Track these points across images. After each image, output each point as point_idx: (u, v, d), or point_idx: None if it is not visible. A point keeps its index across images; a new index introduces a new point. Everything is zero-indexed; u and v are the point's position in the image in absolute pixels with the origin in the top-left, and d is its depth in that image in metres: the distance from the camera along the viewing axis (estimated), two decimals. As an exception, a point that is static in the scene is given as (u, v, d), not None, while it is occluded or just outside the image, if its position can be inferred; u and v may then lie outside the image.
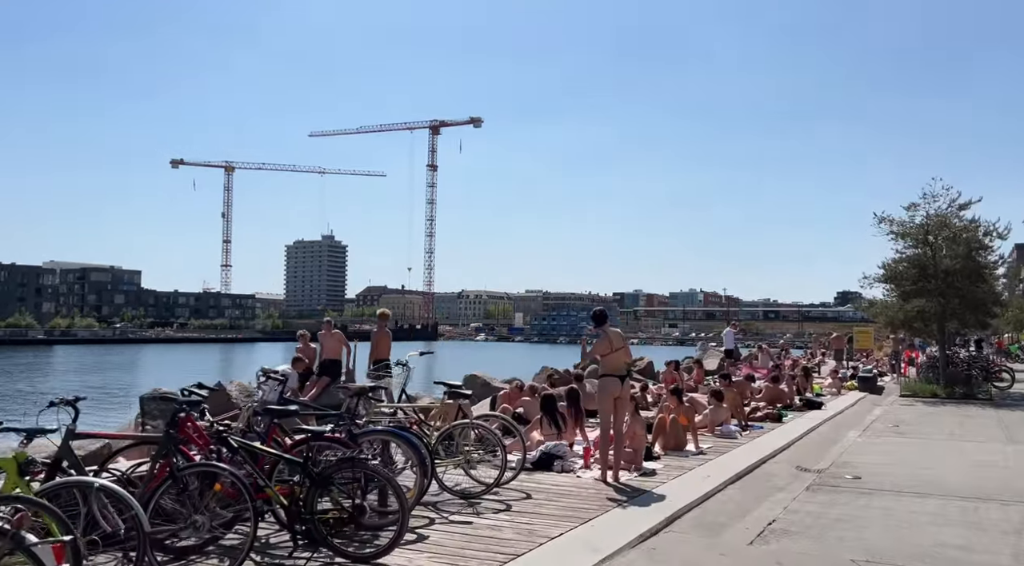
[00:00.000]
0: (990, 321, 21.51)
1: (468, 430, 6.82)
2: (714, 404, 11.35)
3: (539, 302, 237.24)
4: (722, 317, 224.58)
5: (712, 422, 11.12)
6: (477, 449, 6.96)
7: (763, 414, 12.97)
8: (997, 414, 15.49)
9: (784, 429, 11.99)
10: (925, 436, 12.08)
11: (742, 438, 10.87)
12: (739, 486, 7.85)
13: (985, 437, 12.01)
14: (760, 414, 12.96)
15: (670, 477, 7.98)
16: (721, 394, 11.49)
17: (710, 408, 11.38)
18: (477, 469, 7.02)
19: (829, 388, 19.16)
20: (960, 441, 11.61)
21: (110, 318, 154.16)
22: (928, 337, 22.28)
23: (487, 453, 6.85)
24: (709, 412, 11.26)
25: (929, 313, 19.01)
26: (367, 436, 5.66)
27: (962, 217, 19.59)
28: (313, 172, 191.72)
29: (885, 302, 20.34)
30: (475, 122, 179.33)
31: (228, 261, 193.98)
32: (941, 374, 20.29)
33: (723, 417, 11.26)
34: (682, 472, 8.27)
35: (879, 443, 11.23)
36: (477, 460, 6.85)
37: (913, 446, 10.98)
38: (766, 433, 11.47)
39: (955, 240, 19.51)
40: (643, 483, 7.61)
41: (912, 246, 20.22)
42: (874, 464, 9.38)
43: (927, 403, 17.81)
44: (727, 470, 8.37)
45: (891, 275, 20.14)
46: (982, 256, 19.51)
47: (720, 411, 11.26)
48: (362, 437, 5.59)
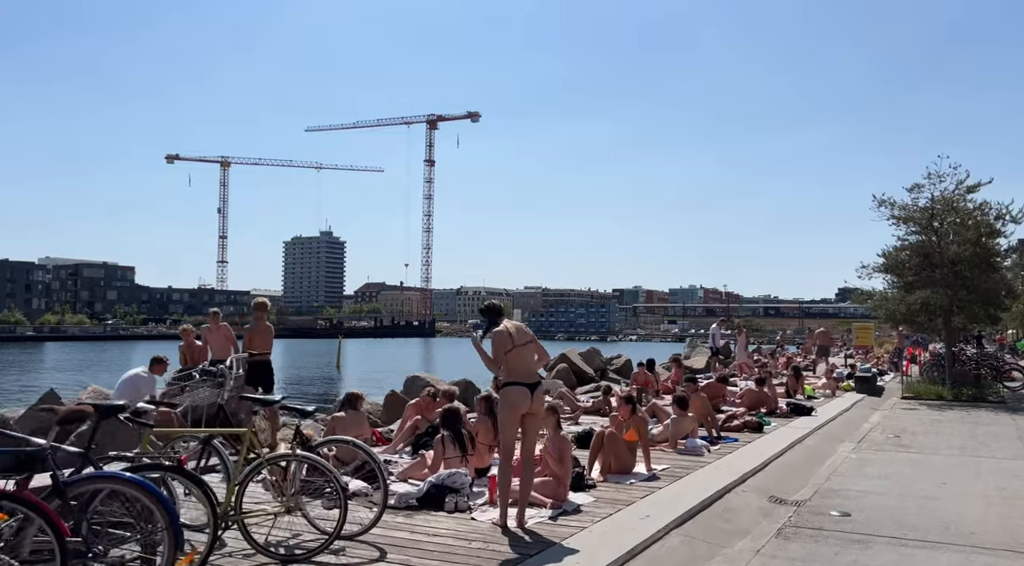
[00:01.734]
0: (1001, 314, 19.49)
1: (297, 464, 4.84)
2: (677, 413, 9.38)
3: (538, 299, 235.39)
4: (722, 313, 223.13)
5: (674, 436, 9.15)
6: (318, 486, 5.01)
7: (740, 423, 10.99)
8: (1013, 421, 13.52)
9: (762, 442, 10.01)
10: (931, 451, 10.10)
11: (709, 455, 8.90)
12: (686, 530, 5.87)
13: (1004, 452, 10.03)
14: (737, 423, 10.98)
15: (598, 517, 6.00)
16: (685, 401, 9.50)
17: (671, 418, 9.42)
18: (318, 512, 5.08)
19: (823, 390, 17.19)
20: (975, 457, 9.64)
21: (102, 315, 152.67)
22: (932, 333, 20.27)
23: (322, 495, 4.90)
24: (670, 423, 9.30)
25: (934, 306, 17.02)
26: (84, 486, 3.69)
27: (971, 200, 17.61)
28: (310, 168, 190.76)
29: (885, 294, 18.33)
30: (473, 117, 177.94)
31: (224, 257, 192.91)
32: (947, 374, 18.31)
33: (687, 429, 9.29)
34: (616, 509, 6.29)
35: (876, 461, 9.25)
36: (306, 503, 4.91)
37: (918, 466, 9.01)
38: (740, 448, 9.49)
39: (963, 225, 17.52)
40: (556, 529, 5.63)
41: (915, 232, 18.24)
42: (869, 493, 7.41)
43: (932, 407, 15.84)
44: (676, 505, 6.39)
45: (892, 264, 18.16)
46: (993, 243, 17.52)
47: (683, 422, 9.28)
48: (76, 487, 3.63)
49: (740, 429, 10.84)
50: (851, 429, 12.01)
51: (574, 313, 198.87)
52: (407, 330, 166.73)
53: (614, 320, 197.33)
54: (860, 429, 12.01)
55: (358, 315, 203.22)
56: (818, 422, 12.18)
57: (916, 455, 9.74)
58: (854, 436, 11.23)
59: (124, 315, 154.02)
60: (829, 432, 11.43)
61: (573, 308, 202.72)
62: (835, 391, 17.16)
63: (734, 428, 10.84)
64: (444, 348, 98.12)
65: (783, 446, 9.66)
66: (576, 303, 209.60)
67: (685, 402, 9.45)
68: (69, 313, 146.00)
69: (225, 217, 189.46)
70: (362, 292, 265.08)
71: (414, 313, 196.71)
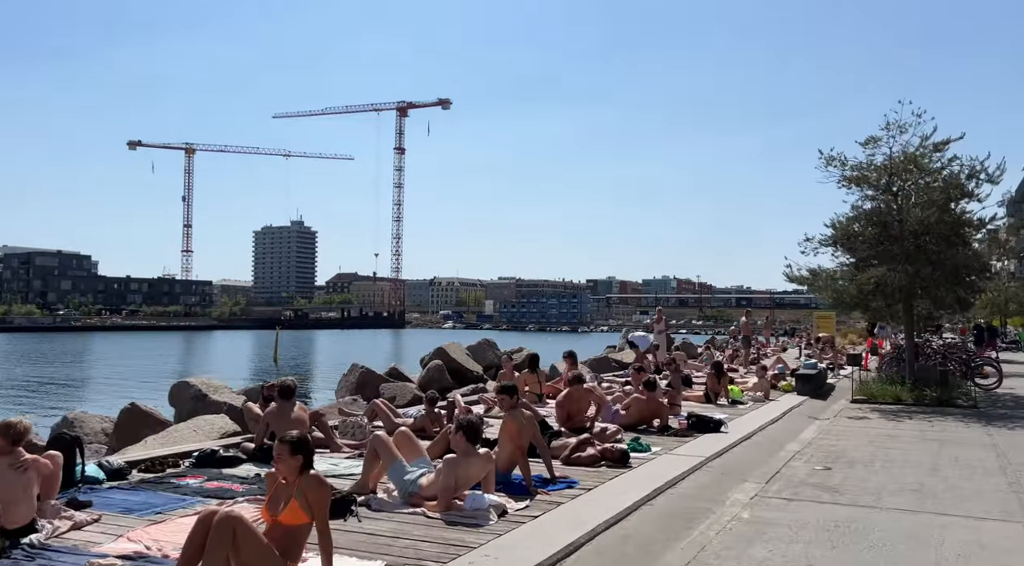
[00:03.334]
0: (973, 298, 16.18)
1: None
2: (461, 449, 5.71)
3: (512, 289, 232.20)
4: (694, 304, 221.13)
5: (445, 490, 5.47)
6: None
7: (597, 452, 7.39)
8: (990, 437, 10.14)
9: (611, 488, 6.43)
10: (872, 499, 6.60)
11: (497, 521, 5.29)
12: None
13: (984, 502, 6.55)
14: (592, 452, 7.38)
15: None
16: (475, 429, 5.78)
17: (445, 460, 5.76)
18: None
19: (753, 392, 13.73)
20: (939, 514, 6.12)
21: (55, 305, 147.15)
22: (891, 320, 16.89)
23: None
24: (443, 468, 5.64)
25: (892, 287, 13.61)
26: None
27: (939, 159, 14.19)
28: (278, 155, 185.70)
29: (831, 273, 14.85)
30: (444, 104, 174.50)
31: (189, 247, 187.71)
32: (908, 370, 14.96)
33: (473, 475, 5.66)
34: None
35: (777, 527, 5.71)
36: None
37: (844, 537, 5.47)
38: (565, 505, 5.90)
39: (928, 186, 14.14)
40: None
41: (871, 197, 14.83)
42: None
43: (887, 414, 12.45)
44: None
45: (842, 236, 14.73)
46: (964, 208, 14.15)
47: (466, 465, 5.63)
48: None
49: (595, 462, 7.27)
50: (766, 456, 8.49)
51: (546, 303, 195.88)
52: (376, 321, 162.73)
53: (586, 311, 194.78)
54: (778, 456, 8.50)
55: (328, 306, 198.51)
56: (722, 444, 8.64)
57: (846, 509, 6.22)
58: (765, 470, 7.71)
59: (78, 305, 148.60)
60: (729, 464, 7.88)
61: (544, 298, 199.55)
62: (768, 393, 13.70)
63: (585, 461, 7.26)
64: (405, 339, 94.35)
65: (636, 498, 6.07)
66: (548, 294, 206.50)
67: (475, 431, 5.77)
68: (18, 303, 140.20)
69: (190, 205, 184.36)
70: (334, 283, 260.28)
71: (386, 304, 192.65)
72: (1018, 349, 35.02)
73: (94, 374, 38.80)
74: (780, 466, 7.91)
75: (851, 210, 14.98)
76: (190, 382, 10.62)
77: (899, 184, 14.22)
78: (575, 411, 8.46)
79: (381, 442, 5.77)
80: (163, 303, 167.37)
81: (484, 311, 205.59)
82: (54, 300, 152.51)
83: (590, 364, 21.35)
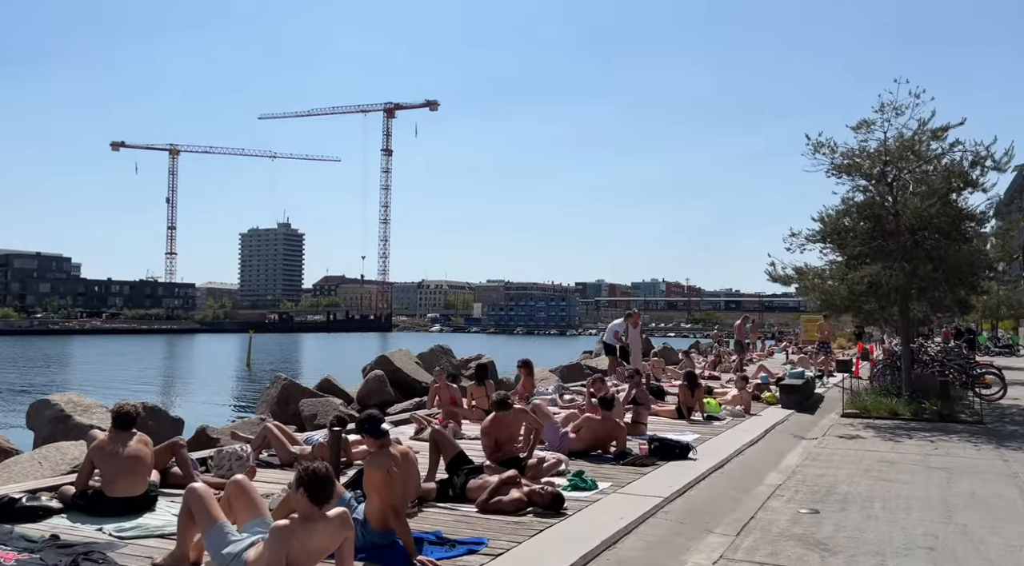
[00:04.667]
0: (975, 299, 14.71)
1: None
2: (302, 511, 4.07)
3: (501, 292, 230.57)
4: (683, 307, 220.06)
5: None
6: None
7: (523, 495, 5.79)
8: (1006, 462, 8.62)
9: (529, 554, 4.84)
10: (875, 559, 5.04)
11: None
12: None
13: (1020, 559, 5.02)
14: (516, 496, 5.77)
15: None
16: (316, 485, 4.10)
17: (271, 530, 4.12)
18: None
19: (732, 404, 12.18)
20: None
21: (32, 308, 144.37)
22: (885, 325, 15.40)
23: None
24: (269, 544, 3.99)
25: (887, 287, 12.11)
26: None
27: (938, 146, 12.71)
28: (264, 156, 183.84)
29: (819, 271, 13.32)
30: (431, 105, 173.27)
31: (173, 249, 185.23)
32: (904, 380, 13.47)
33: (326, 544, 4.02)
34: None
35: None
36: None
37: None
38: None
39: (926, 174, 12.66)
40: None
41: (862, 188, 13.36)
42: None
43: (882, 431, 10.94)
44: None
45: (832, 231, 13.24)
46: (964, 201, 12.68)
47: (317, 531, 3.97)
48: None
49: (520, 508, 5.67)
50: (739, 492, 6.92)
51: (534, 306, 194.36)
52: (362, 324, 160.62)
53: (575, 314, 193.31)
54: (755, 493, 6.93)
55: (315, 309, 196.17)
56: (687, 477, 7.06)
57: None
58: (737, 515, 6.14)
59: (57, 308, 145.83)
60: (693, 506, 6.30)
61: (532, 301, 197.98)
62: (749, 407, 12.15)
63: (507, 507, 5.66)
64: (389, 343, 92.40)
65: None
66: (537, 297, 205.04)
67: (321, 486, 4.04)
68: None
69: (174, 207, 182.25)
70: (321, 285, 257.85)
71: (374, 307, 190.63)
72: (1011, 354, 33.76)
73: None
74: (756, 508, 6.34)
75: (841, 203, 13.53)
76: (51, 400, 8.88)
77: (895, 173, 12.74)
78: (505, 439, 6.85)
79: (197, 498, 4.16)
80: (145, 306, 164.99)
81: (472, 314, 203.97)
82: (33, 303, 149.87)
83: (561, 372, 19.78)
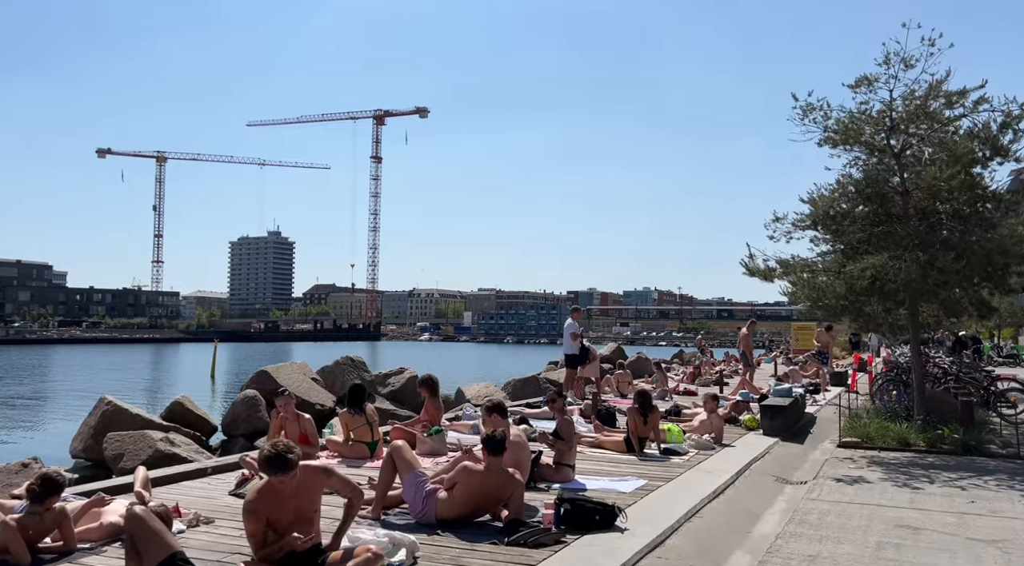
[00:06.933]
0: (997, 300, 12.13)
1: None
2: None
3: (492, 301, 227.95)
4: (675, 315, 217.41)
5: None
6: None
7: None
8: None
9: None
10: None
11: None
12: None
13: None
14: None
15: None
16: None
17: None
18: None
19: (699, 434, 9.51)
20: None
21: (11, 317, 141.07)
22: (891, 332, 12.73)
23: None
24: None
25: (895, 283, 9.48)
26: None
27: (953, 105, 10.14)
28: (252, 164, 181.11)
29: (809, 264, 10.64)
30: (421, 112, 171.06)
31: (160, 257, 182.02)
32: (916, 400, 10.84)
33: None
34: None
35: None
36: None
37: None
38: None
39: (942, 142, 10.08)
40: None
41: (862, 161, 10.76)
42: None
43: (893, 470, 8.30)
44: None
45: (825, 215, 10.61)
46: (992, 173, 10.08)
47: None
48: None
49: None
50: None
51: (524, 315, 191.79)
52: (350, 333, 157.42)
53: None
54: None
55: (305, 318, 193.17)
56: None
57: None
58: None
59: (36, 317, 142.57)
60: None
61: (523, 310, 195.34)
62: (721, 435, 9.48)
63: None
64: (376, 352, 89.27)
65: None
66: (527, 305, 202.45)
67: None
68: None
69: (161, 215, 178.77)
70: (311, 294, 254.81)
71: (364, 315, 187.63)
72: (1016, 364, 31.42)
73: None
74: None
75: (837, 182, 10.92)
76: None
77: (903, 139, 10.16)
78: (288, 518, 4.19)
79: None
80: (128, 315, 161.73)
81: (463, 323, 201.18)
82: (11, 312, 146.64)
83: (513, 386, 17.10)
